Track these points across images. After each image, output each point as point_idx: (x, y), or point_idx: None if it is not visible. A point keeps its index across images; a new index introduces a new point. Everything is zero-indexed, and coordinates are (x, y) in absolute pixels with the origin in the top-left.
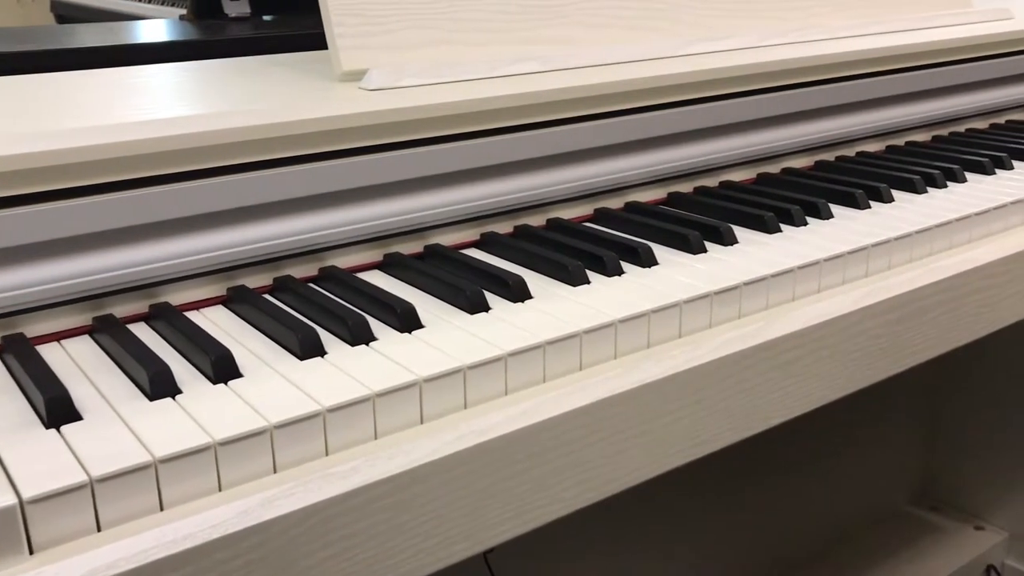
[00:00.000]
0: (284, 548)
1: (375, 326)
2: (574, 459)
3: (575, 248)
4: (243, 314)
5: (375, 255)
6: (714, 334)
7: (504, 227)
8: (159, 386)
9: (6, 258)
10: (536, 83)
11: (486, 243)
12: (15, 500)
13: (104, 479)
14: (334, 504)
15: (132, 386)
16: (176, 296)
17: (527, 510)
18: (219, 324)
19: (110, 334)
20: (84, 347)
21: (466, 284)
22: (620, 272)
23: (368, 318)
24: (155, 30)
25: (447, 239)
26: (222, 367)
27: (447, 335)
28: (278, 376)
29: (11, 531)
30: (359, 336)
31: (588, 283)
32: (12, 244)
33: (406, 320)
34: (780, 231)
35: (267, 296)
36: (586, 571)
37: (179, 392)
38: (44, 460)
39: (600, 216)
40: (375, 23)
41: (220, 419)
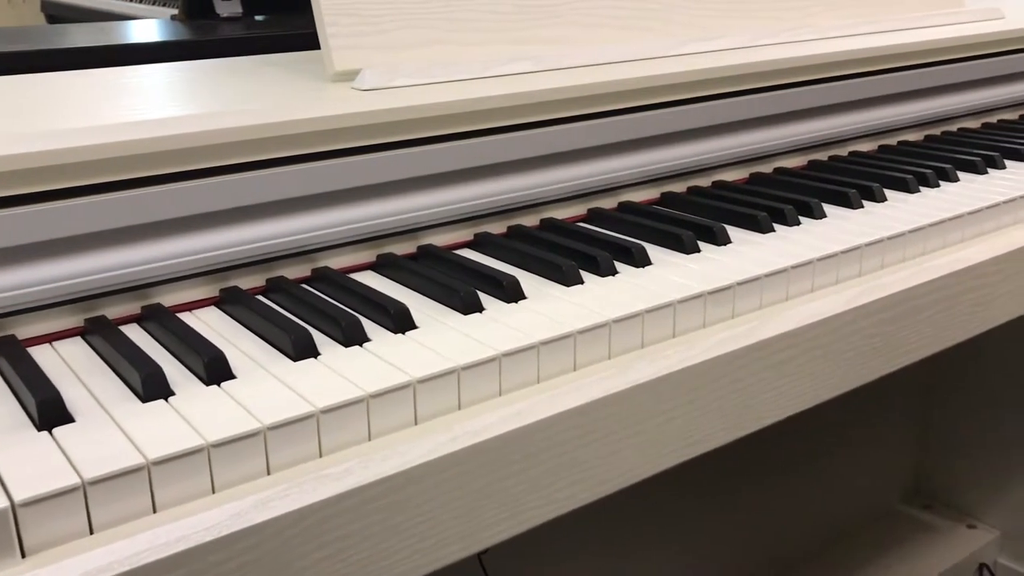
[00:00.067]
0: (278, 550)
1: (368, 327)
2: (568, 459)
3: (569, 248)
4: (236, 315)
5: (368, 256)
6: (708, 334)
7: (498, 227)
8: (152, 388)
9: None
10: (529, 83)
11: (479, 243)
12: (7, 503)
13: (96, 481)
14: (328, 505)
15: (124, 388)
16: (169, 297)
17: (521, 511)
18: (212, 325)
19: (102, 336)
20: (76, 349)
21: (460, 284)
22: (614, 272)
23: (361, 319)
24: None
25: (440, 239)
26: (215, 368)
27: (441, 336)
28: (271, 377)
29: (3, 534)
30: (352, 337)
31: (582, 283)
32: (3, 245)
33: (400, 321)
34: (773, 231)
35: (260, 297)
36: (580, 571)
37: (172, 394)
38: (36, 462)
39: (593, 216)
40: (368, 23)
41: (213, 421)
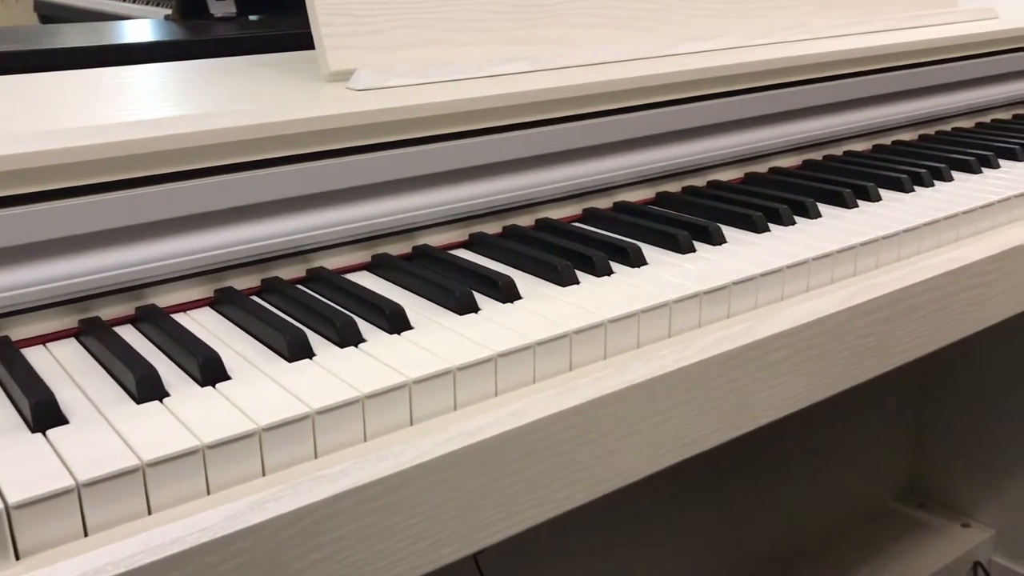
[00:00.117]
0: (274, 551)
1: (364, 327)
2: (564, 460)
3: (564, 248)
4: (231, 316)
5: (363, 256)
6: (703, 334)
7: (493, 227)
8: (146, 389)
9: None
10: (524, 83)
11: (475, 243)
12: (1, 505)
13: (91, 483)
14: (324, 506)
15: (119, 389)
16: (163, 298)
17: (518, 511)
18: (206, 326)
19: (96, 337)
20: (70, 350)
21: (455, 285)
22: (609, 272)
23: (356, 319)
24: (140, 30)
25: (435, 239)
26: (210, 369)
27: (436, 336)
28: (266, 378)
29: None
30: (347, 338)
31: (577, 283)
32: None
33: (395, 321)
34: (768, 230)
35: (255, 298)
36: (576, 571)
37: (166, 395)
38: (30, 464)
39: (589, 216)
40: (363, 23)
41: (208, 422)
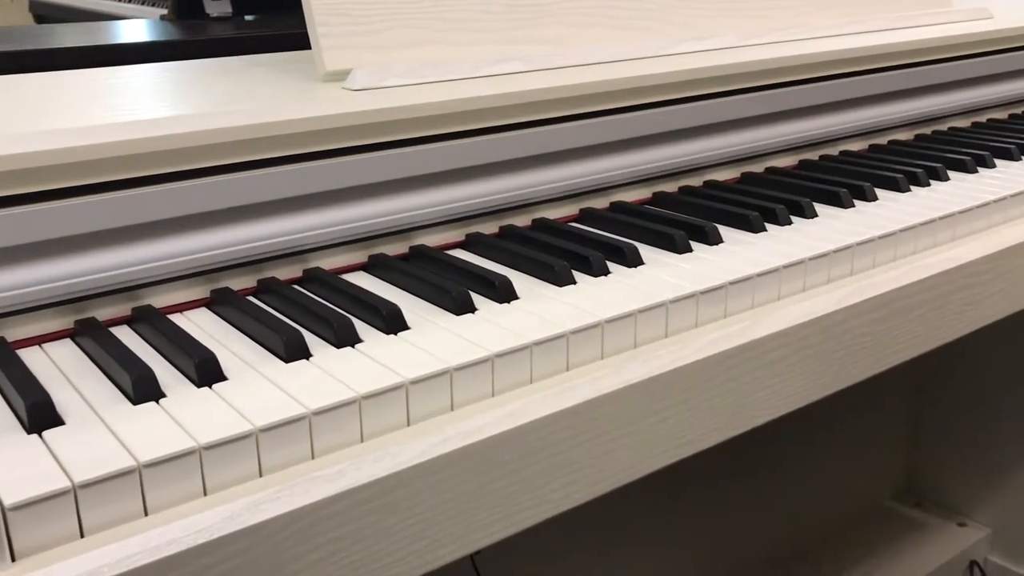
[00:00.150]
0: (271, 552)
1: (360, 328)
2: (562, 460)
3: (561, 248)
4: (227, 316)
5: (360, 256)
6: (700, 334)
7: (489, 227)
8: (142, 390)
9: None
10: (520, 83)
11: (471, 244)
12: None
13: (87, 484)
14: (321, 507)
15: (115, 390)
16: (159, 299)
17: (515, 512)
18: (203, 327)
19: (92, 337)
20: (66, 351)
21: (452, 285)
22: (606, 272)
23: (353, 320)
24: (136, 30)
25: (432, 240)
26: (206, 370)
27: (433, 336)
28: (263, 379)
29: None
30: (344, 338)
31: (574, 283)
32: None
33: (391, 321)
34: (765, 230)
35: (251, 298)
36: (573, 571)
37: (163, 396)
38: (26, 466)
39: (585, 216)
40: (359, 23)
41: (205, 423)
